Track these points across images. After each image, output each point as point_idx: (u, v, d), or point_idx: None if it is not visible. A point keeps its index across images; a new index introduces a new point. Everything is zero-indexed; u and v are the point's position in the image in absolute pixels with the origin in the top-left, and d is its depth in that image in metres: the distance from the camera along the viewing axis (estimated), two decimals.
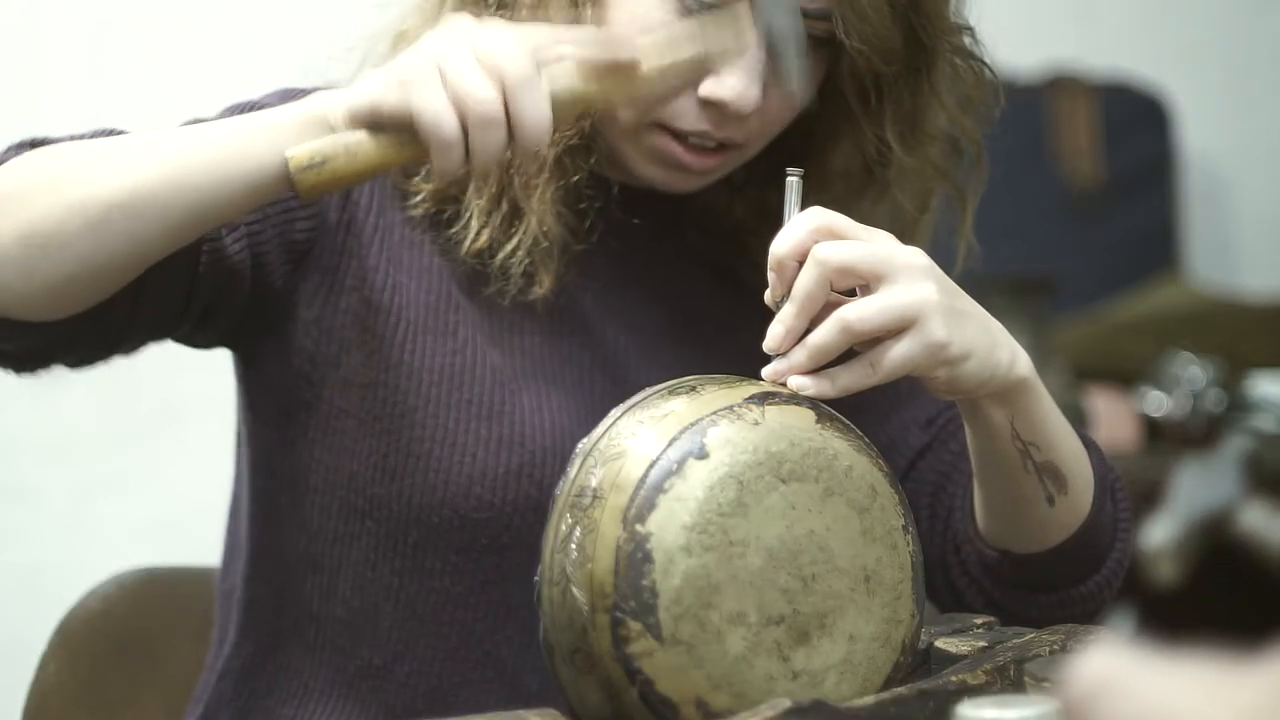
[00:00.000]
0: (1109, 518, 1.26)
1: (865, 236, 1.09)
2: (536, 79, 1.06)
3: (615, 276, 1.31)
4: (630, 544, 1.00)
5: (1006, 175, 2.68)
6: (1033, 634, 1.10)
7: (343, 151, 1.07)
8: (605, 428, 1.06)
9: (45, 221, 1.09)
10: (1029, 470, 1.20)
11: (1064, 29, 2.88)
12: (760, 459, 1.02)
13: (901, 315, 1.07)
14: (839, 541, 1.03)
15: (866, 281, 1.08)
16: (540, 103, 1.06)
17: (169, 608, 1.48)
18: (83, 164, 1.11)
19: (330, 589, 1.25)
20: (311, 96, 1.12)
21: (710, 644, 1.00)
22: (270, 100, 1.25)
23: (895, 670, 1.05)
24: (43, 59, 2.39)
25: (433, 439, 1.23)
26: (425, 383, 1.24)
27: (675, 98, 1.19)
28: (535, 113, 1.06)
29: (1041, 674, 0.97)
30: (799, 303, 1.07)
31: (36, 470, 2.37)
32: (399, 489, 1.23)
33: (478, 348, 1.25)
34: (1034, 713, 0.90)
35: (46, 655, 1.49)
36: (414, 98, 1.05)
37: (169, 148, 1.11)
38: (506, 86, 1.05)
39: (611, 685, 1.01)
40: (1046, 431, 1.20)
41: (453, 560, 1.23)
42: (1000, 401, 1.16)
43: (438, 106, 1.05)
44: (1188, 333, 2.52)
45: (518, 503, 1.23)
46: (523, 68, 1.05)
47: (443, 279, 1.26)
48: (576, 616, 1.02)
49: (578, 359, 1.29)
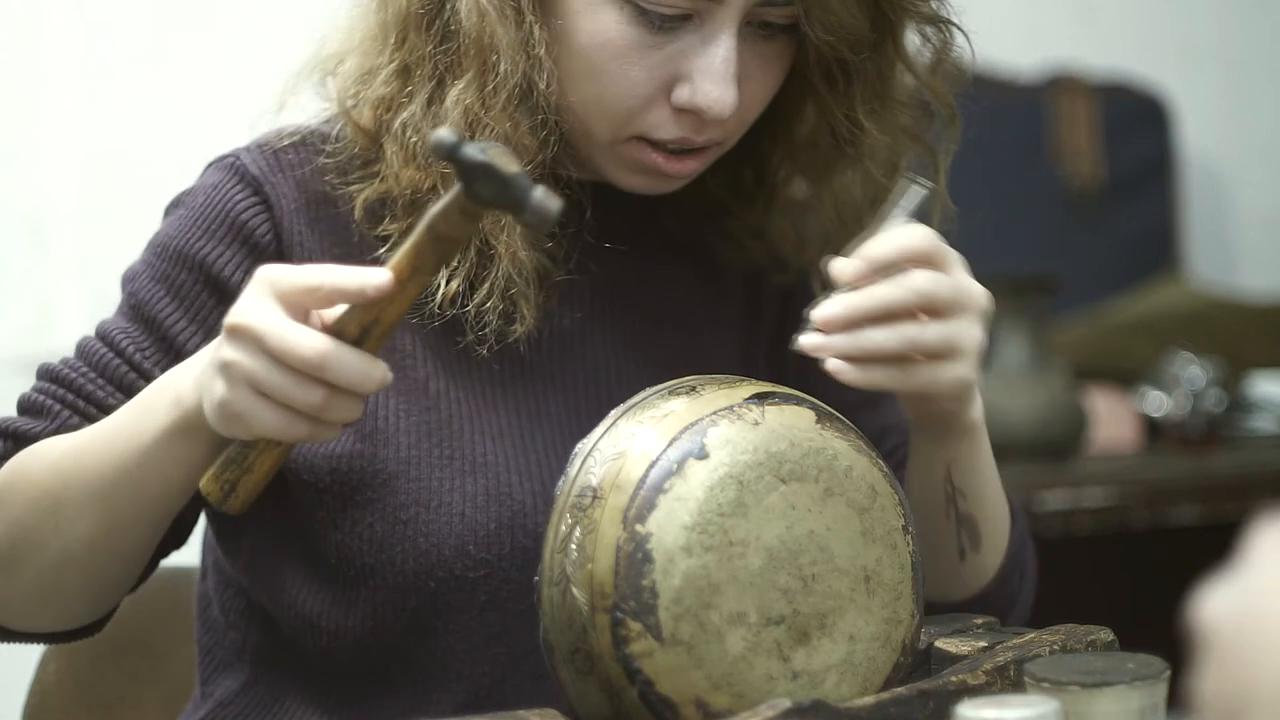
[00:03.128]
0: (1011, 589, 1.28)
1: (952, 262, 1.12)
2: (331, 348, 1.03)
3: (595, 299, 1.28)
4: (630, 544, 1.00)
5: (1006, 175, 2.70)
6: (1033, 634, 1.10)
7: (241, 471, 1.11)
8: (605, 428, 1.06)
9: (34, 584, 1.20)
10: (950, 518, 1.22)
11: (1064, 29, 2.88)
12: (760, 459, 1.02)
13: (955, 347, 1.11)
14: (839, 541, 1.03)
15: (938, 310, 1.11)
16: (350, 361, 1.04)
17: (169, 608, 1.48)
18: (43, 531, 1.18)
19: (332, 651, 1.23)
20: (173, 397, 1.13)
21: (710, 644, 1.00)
22: (180, 230, 1.25)
23: (895, 670, 1.05)
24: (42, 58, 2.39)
25: (417, 503, 1.19)
26: (403, 445, 1.21)
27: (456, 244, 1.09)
28: (353, 372, 1.04)
29: (1041, 674, 0.97)
30: (874, 304, 1.09)
31: None
32: (390, 558, 1.19)
33: (452, 400, 1.22)
34: (1034, 713, 0.90)
35: (46, 655, 1.49)
36: (255, 427, 1.06)
37: (101, 494, 1.16)
38: (313, 374, 1.04)
39: (611, 685, 1.01)
40: (978, 484, 1.22)
41: (454, 620, 1.20)
42: (946, 440, 1.19)
43: (280, 423, 1.05)
44: (1188, 333, 2.52)
45: (513, 556, 1.19)
46: (314, 349, 1.03)
47: (406, 334, 1.23)
48: (576, 616, 1.02)
49: (562, 385, 1.26)
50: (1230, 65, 2.98)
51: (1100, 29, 2.90)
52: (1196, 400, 2.43)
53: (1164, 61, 2.88)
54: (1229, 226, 3.00)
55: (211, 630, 1.32)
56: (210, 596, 1.32)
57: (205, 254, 1.24)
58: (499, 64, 1.18)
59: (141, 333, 1.24)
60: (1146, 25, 2.94)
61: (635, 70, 1.18)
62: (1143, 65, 2.84)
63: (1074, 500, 2.15)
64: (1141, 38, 2.93)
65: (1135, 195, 2.77)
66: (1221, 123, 2.95)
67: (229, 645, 1.30)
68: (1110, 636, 1.11)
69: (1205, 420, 2.42)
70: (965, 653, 1.08)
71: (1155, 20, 2.95)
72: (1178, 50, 2.94)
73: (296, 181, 1.25)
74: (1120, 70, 2.81)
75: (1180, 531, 2.22)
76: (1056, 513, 2.13)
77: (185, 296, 1.24)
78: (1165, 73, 2.84)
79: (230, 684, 1.29)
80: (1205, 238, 2.94)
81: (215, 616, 1.32)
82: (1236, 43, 2.98)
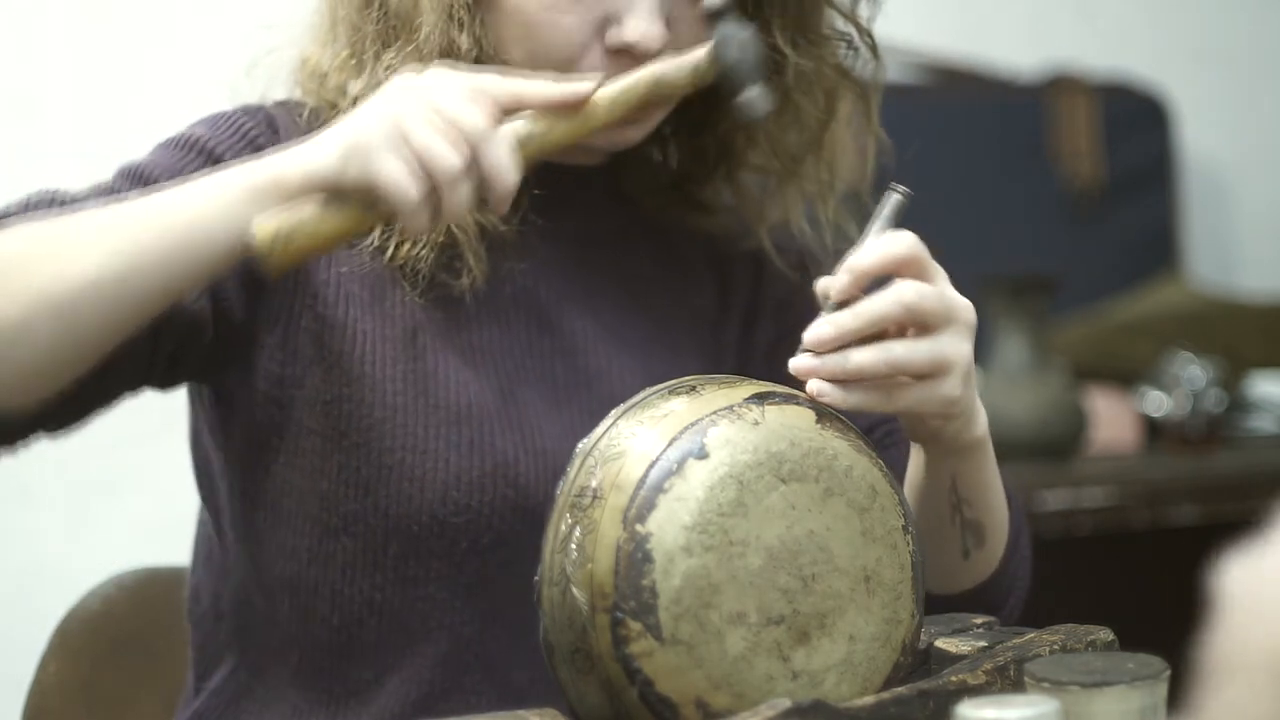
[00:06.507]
0: (1010, 576, 1.28)
1: (937, 273, 1.11)
2: (496, 132, 1.06)
3: (566, 260, 1.31)
4: (630, 544, 1.00)
5: (1006, 175, 2.70)
6: (1033, 634, 1.10)
7: (307, 225, 1.06)
8: (605, 428, 1.06)
9: (7, 317, 1.07)
10: (955, 523, 1.22)
11: (1064, 29, 2.88)
12: (760, 459, 1.02)
13: (940, 365, 1.10)
14: (839, 541, 1.03)
15: (926, 324, 1.09)
16: (504, 156, 1.06)
17: (169, 608, 1.48)
18: (38, 255, 1.08)
19: (309, 611, 1.24)
20: (263, 161, 1.09)
21: (710, 644, 1.00)
22: (199, 130, 1.24)
23: (895, 670, 1.05)
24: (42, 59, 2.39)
25: (403, 448, 1.21)
26: (389, 392, 1.22)
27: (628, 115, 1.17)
28: (501, 166, 1.06)
29: (1041, 674, 0.97)
30: (864, 322, 1.08)
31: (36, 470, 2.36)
32: (374, 502, 1.21)
33: (437, 352, 1.24)
34: (1034, 713, 0.90)
35: (46, 655, 1.49)
36: (378, 167, 1.05)
37: (125, 232, 1.08)
38: (469, 144, 1.05)
39: (611, 685, 1.01)
40: (983, 493, 1.22)
41: (435, 567, 1.22)
42: (951, 455, 1.19)
43: (403, 174, 1.05)
44: (1188, 333, 2.52)
45: (495, 504, 1.22)
46: (482, 123, 1.06)
47: (391, 286, 1.25)
48: (576, 616, 1.02)
49: (539, 348, 1.28)
50: (1230, 65, 2.98)
51: (1100, 29, 2.90)
52: (1196, 400, 2.43)
53: (1164, 61, 2.88)
54: (1229, 227, 3.00)
55: (201, 625, 1.33)
56: (200, 589, 1.33)
57: (219, 149, 1.23)
58: (421, 27, 1.22)
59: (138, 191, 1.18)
60: (1146, 25, 2.94)
61: (566, 18, 1.22)
62: (1143, 65, 2.84)
63: (1074, 500, 2.15)
64: (1141, 38, 2.92)
65: (1135, 195, 2.77)
66: (1222, 123, 2.95)
67: (220, 637, 1.31)
68: (1110, 636, 1.11)
69: (1205, 420, 2.42)
70: (965, 653, 1.08)
71: (1155, 20, 2.94)
72: (1178, 50, 2.93)
73: (296, 130, 1.26)
74: (1120, 70, 2.81)
75: (1180, 531, 2.22)
76: (1056, 513, 2.13)
77: (191, 179, 1.16)
78: (1165, 73, 2.84)
79: (221, 673, 1.30)
80: (1205, 238, 2.94)
81: (204, 610, 1.32)
82: (1237, 43, 2.98)
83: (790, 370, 1.09)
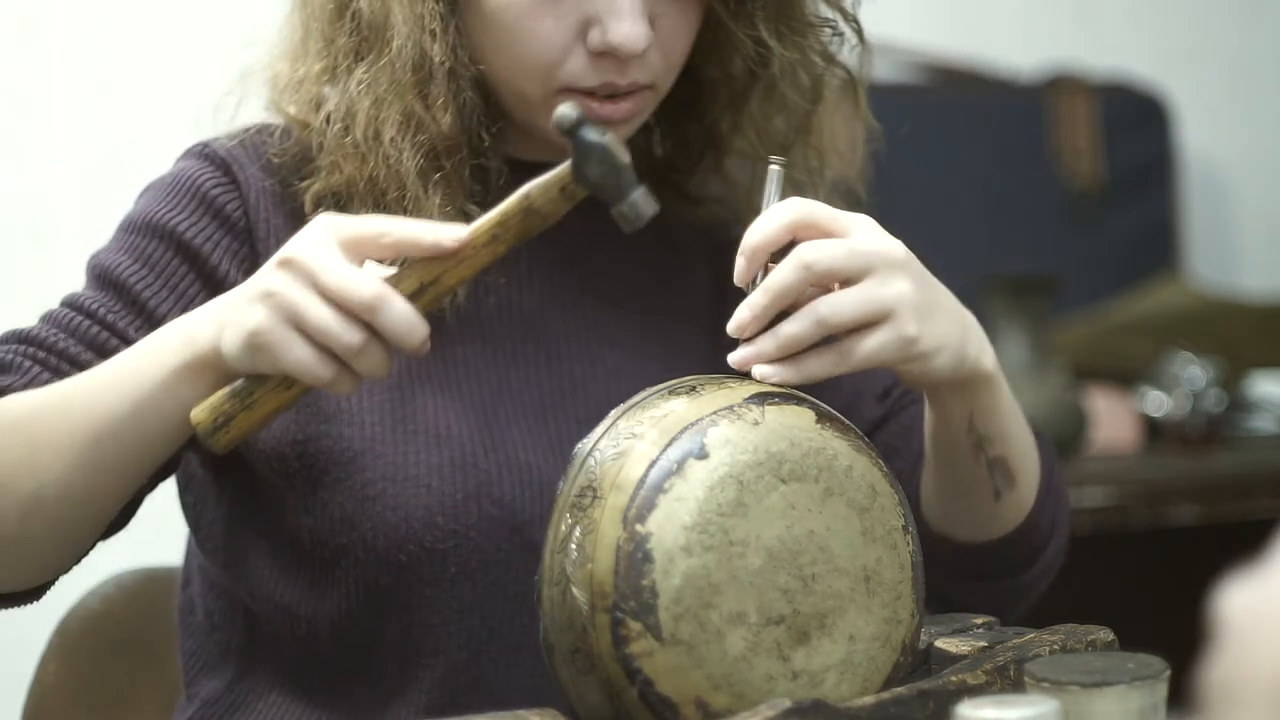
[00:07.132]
0: (1049, 515, 1.27)
1: (845, 225, 1.09)
2: (388, 293, 1.04)
3: (552, 262, 1.30)
4: (630, 544, 1.00)
5: (1006, 175, 2.70)
6: (1033, 634, 1.10)
7: (241, 406, 1.08)
8: (605, 428, 1.06)
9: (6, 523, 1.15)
10: (980, 463, 1.21)
11: (1064, 29, 2.88)
12: (760, 459, 1.02)
13: (876, 310, 1.08)
14: (839, 541, 1.03)
15: (847, 279, 1.08)
16: (402, 316, 1.04)
17: (169, 608, 1.47)
18: (13, 462, 1.14)
19: (311, 638, 1.23)
20: (184, 336, 1.11)
21: (710, 644, 1.00)
22: (154, 207, 1.25)
23: (895, 670, 1.05)
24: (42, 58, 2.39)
25: (384, 479, 1.20)
26: (368, 424, 1.21)
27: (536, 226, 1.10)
28: (402, 326, 1.04)
29: (1041, 674, 0.97)
30: (773, 295, 1.07)
31: None
32: (361, 536, 1.20)
33: (414, 377, 1.23)
34: (1034, 713, 0.90)
35: (46, 655, 1.49)
36: (283, 358, 1.05)
37: (86, 429, 1.13)
38: (363, 314, 1.04)
39: (611, 685, 1.01)
40: (1003, 427, 1.20)
41: (427, 594, 1.21)
42: (961, 393, 1.17)
43: (309, 359, 1.05)
44: (1188, 333, 2.52)
45: (481, 524, 1.20)
46: (369, 291, 1.04)
47: None
48: (576, 616, 1.02)
49: (523, 357, 1.27)
50: (1231, 65, 2.98)
51: (1100, 29, 2.90)
52: (1196, 400, 2.43)
53: (1164, 61, 2.88)
54: (1229, 227, 3.00)
55: (194, 635, 1.33)
56: (194, 602, 1.33)
57: (176, 224, 1.24)
58: (393, 39, 1.21)
59: (112, 299, 1.23)
60: (1146, 25, 2.94)
61: (545, 22, 1.20)
62: (1143, 65, 2.84)
63: (1074, 500, 2.14)
64: (1141, 38, 2.92)
65: (1135, 195, 2.77)
66: (1222, 123, 2.95)
67: (213, 647, 1.30)
68: (1110, 636, 1.11)
69: (1205, 420, 2.42)
70: (965, 653, 1.08)
71: (1155, 20, 2.95)
72: (1177, 50, 2.94)
73: (261, 166, 1.27)
74: (1120, 70, 2.81)
75: (1180, 531, 2.23)
76: None
77: (157, 265, 1.24)
78: (1165, 73, 2.84)
79: (215, 684, 1.30)
80: (1205, 238, 2.94)
81: (198, 622, 1.32)
82: (1237, 43, 2.98)
83: (731, 365, 1.08)
